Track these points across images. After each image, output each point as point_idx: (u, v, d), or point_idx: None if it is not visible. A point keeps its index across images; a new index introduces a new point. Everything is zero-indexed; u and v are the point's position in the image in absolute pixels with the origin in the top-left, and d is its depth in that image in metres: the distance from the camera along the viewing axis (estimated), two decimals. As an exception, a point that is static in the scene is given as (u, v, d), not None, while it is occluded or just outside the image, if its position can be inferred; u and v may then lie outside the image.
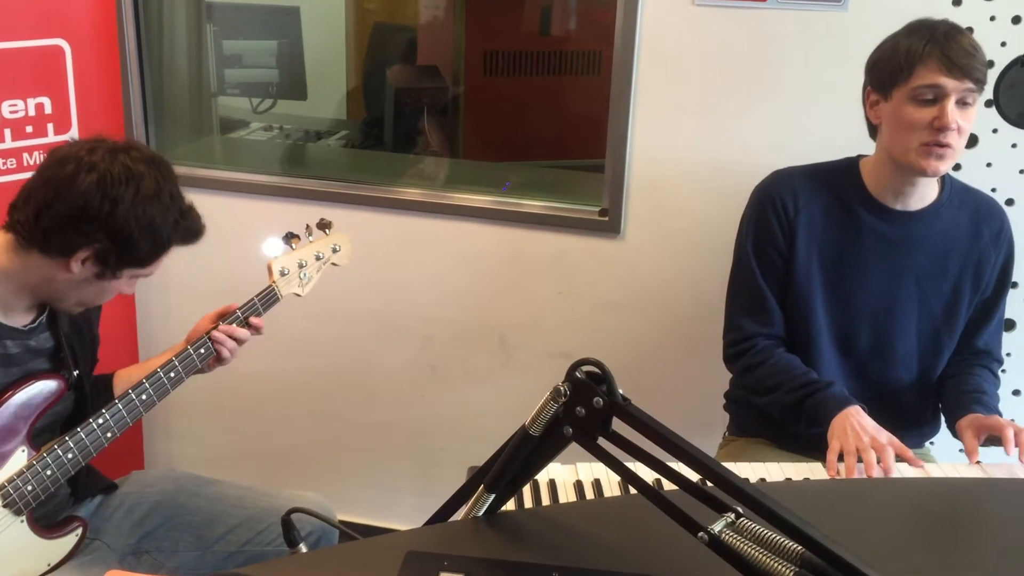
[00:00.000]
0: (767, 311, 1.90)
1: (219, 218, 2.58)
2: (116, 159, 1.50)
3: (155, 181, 1.53)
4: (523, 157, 3.20)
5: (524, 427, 0.92)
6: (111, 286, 1.59)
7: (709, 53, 2.16)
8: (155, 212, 1.52)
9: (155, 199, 1.52)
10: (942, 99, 1.67)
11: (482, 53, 3.27)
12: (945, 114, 1.66)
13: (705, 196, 2.26)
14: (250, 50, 3.12)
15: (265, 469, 2.76)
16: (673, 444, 0.84)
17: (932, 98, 1.68)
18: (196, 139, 2.98)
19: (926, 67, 1.67)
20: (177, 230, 1.57)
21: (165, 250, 1.58)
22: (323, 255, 1.94)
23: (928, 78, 1.67)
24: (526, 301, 2.46)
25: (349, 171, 2.86)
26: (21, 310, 1.60)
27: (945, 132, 1.67)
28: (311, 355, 2.63)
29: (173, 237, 1.57)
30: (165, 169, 1.57)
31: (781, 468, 1.65)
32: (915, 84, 1.69)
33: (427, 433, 2.62)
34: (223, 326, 1.76)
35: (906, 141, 1.72)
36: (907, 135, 1.71)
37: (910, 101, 1.70)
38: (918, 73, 1.68)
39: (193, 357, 1.72)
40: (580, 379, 0.90)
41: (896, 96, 1.72)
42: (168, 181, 1.56)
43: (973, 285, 1.88)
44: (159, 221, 1.52)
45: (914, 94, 1.69)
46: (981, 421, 1.74)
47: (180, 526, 1.81)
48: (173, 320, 2.65)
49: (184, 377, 1.71)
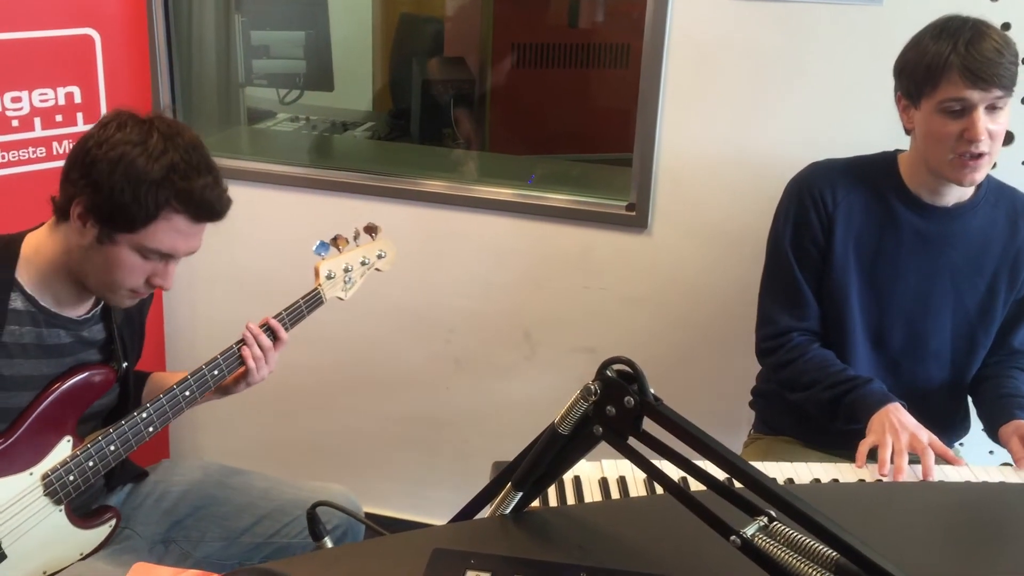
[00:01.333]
0: (803, 305, 1.88)
1: (246, 209, 2.61)
2: (126, 113, 1.46)
3: (147, 131, 1.43)
4: (550, 150, 3.18)
5: (553, 425, 0.91)
6: (115, 256, 1.47)
7: (740, 47, 2.14)
8: (136, 157, 1.41)
9: (139, 146, 1.42)
10: (970, 111, 1.65)
11: (509, 45, 3.25)
12: (975, 126, 1.64)
13: (733, 192, 2.24)
14: (278, 41, 3.12)
15: (290, 460, 2.77)
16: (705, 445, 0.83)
17: (960, 109, 1.66)
18: (224, 129, 2.99)
19: (949, 81, 1.65)
20: (167, 187, 1.42)
21: (154, 209, 1.43)
22: (368, 260, 1.93)
23: (952, 92, 1.65)
24: (552, 295, 2.45)
25: (375, 163, 2.85)
26: (73, 301, 1.58)
27: (976, 144, 1.65)
28: (337, 347, 2.63)
29: (161, 193, 1.42)
30: (177, 130, 1.46)
31: (809, 468, 1.63)
32: (941, 97, 1.66)
33: (452, 427, 2.62)
34: (252, 325, 1.73)
35: (939, 153, 1.71)
36: (939, 147, 1.70)
37: (938, 113, 1.68)
38: (943, 87, 1.66)
39: (236, 354, 1.71)
40: (611, 378, 0.89)
41: (924, 107, 1.71)
42: (169, 139, 1.43)
43: (1009, 283, 1.85)
44: (141, 168, 1.41)
45: (941, 107, 1.67)
46: None
47: (208, 516, 1.81)
48: (199, 315, 2.66)
49: (227, 373, 1.70)
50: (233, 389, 1.77)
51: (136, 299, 1.59)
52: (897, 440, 1.64)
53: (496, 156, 3.16)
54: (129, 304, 1.60)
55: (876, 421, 1.70)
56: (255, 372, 1.73)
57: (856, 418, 1.75)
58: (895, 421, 1.68)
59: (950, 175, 1.72)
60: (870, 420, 1.71)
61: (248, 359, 1.71)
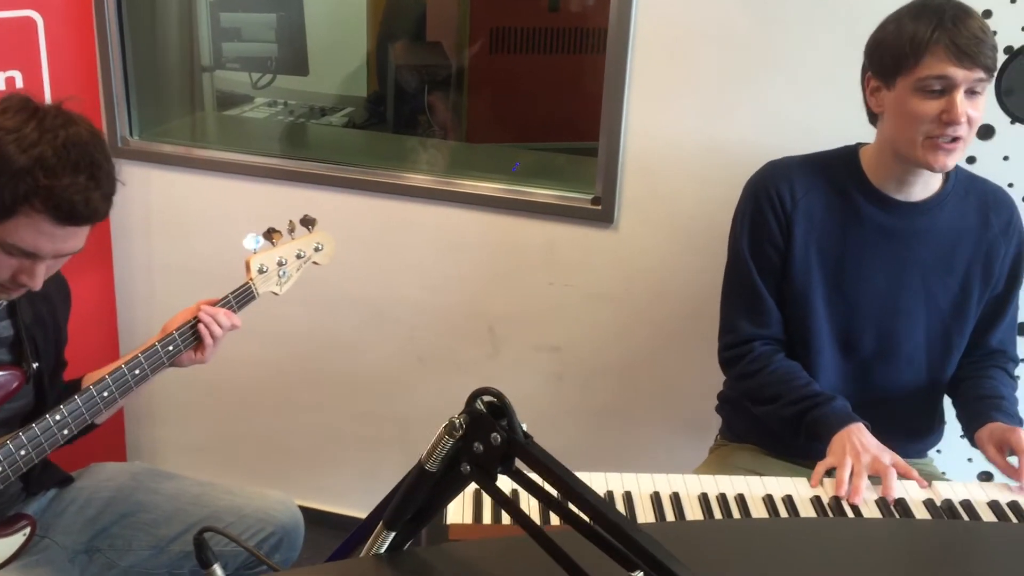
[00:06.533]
0: (764, 312, 1.78)
1: (207, 199, 2.55)
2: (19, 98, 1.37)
3: (27, 119, 1.34)
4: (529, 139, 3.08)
5: (420, 461, 0.82)
6: None
7: (711, 33, 2.03)
8: (6, 145, 1.32)
9: (12, 133, 1.32)
10: (951, 90, 1.54)
11: (487, 29, 3.14)
12: (955, 107, 1.53)
13: (704, 185, 2.14)
14: (249, 23, 3.04)
15: (250, 457, 2.69)
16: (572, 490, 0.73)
17: (940, 89, 1.55)
18: (187, 115, 2.90)
19: (934, 56, 1.54)
20: (28, 181, 1.32)
21: (11, 203, 1.34)
22: (304, 253, 1.86)
23: (936, 68, 1.54)
24: (516, 292, 2.35)
25: (341, 153, 2.76)
26: None
27: (955, 126, 1.54)
28: (298, 343, 2.55)
29: (20, 187, 1.33)
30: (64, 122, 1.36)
31: (764, 484, 1.54)
32: (922, 74, 1.55)
33: (414, 425, 2.54)
34: (209, 308, 1.67)
35: (911, 134, 1.59)
36: (912, 128, 1.58)
37: (916, 92, 1.57)
38: (925, 62, 1.54)
39: (160, 354, 1.63)
40: (479, 412, 0.79)
41: (900, 85, 1.59)
42: (49, 131, 1.34)
43: (983, 280, 1.75)
44: (5, 157, 1.32)
45: (920, 84, 1.56)
46: (1006, 436, 1.62)
47: (135, 523, 1.74)
48: (157, 307, 2.58)
49: (150, 374, 1.62)
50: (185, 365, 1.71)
51: (10, 295, 1.49)
52: (857, 462, 1.56)
53: (469, 146, 3.06)
54: (4, 299, 1.52)
55: (837, 442, 1.61)
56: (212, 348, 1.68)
57: (818, 436, 1.67)
58: (856, 442, 1.59)
59: (921, 158, 1.60)
60: (831, 440, 1.62)
61: (206, 335, 1.65)
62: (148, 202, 2.51)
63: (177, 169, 2.49)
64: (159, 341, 1.63)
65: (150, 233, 2.53)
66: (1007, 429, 1.63)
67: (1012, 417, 1.71)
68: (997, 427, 1.65)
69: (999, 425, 1.65)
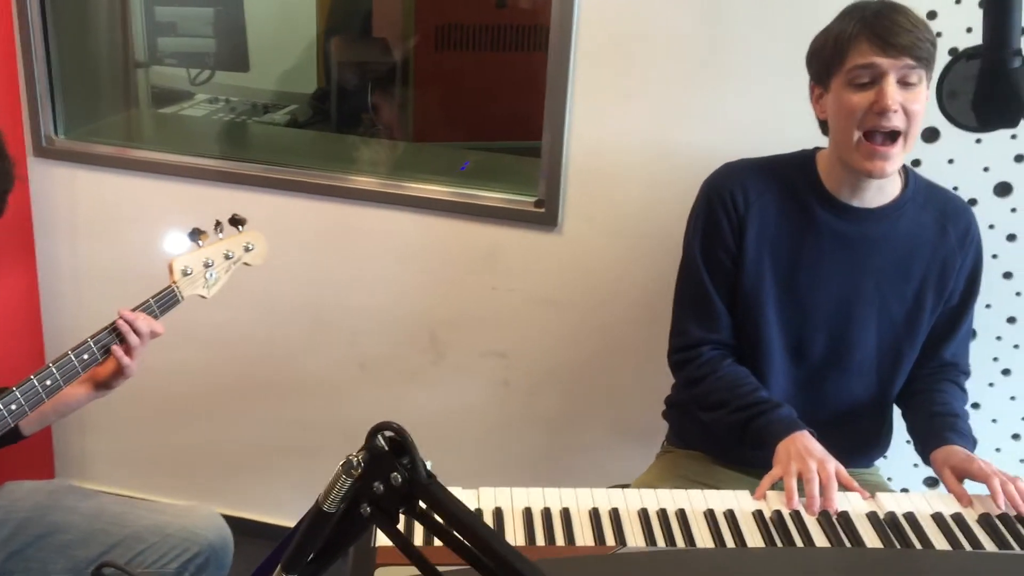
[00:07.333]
0: (714, 316, 1.74)
1: (139, 202, 2.44)
2: None
3: None
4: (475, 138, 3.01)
5: (318, 501, 0.76)
6: None
7: (657, 32, 1.98)
8: None
9: None
10: (880, 79, 1.52)
11: (433, 26, 3.07)
12: (884, 95, 1.50)
13: (650, 187, 2.09)
14: (185, 17, 2.94)
15: (183, 467, 2.60)
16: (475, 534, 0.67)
17: (869, 80, 1.53)
18: (118, 113, 2.78)
19: (857, 48, 1.52)
20: None
21: None
22: (233, 254, 1.78)
23: (860, 58, 1.52)
24: (459, 296, 2.29)
25: (281, 153, 2.67)
26: None
27: (887, 115, 1.51)
28: (236, 350, 2.46)
29: None
30: None
31: (706, 498, 1.49)
32: (849, 66, 1.54)
33: (355, 434, 2.45)
34: (128, 313, 1.59)
35: (847, 135, 1.56)
36: (849, 124, 1.55)
37: (847, 87, 1.55)
38: (850, 56, 1.53)
39: (74, 363, 1.54)
40: (379, 449, 0.73)
41: (834, 86, 1.57)
42: None
43: (937, 291, 1.72)
44: None
45: (850, 78, 1.54)
46: (962, 465, 1.58)
47: (51, 545, 1.65)
48: (86, 314, 2.47)
49: (62, 385, 1.53)
50: (112, 384, 1.64)
51: None
52: (804, 467, 1.51)
53: (414, 146, 2.98)
54: None
55: (782, 449, 1.58)
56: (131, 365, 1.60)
57: (763, 444, 1.63)
58: (801, 449, 1.55)
59: (858, 163, 1.57)
60: (776, 448, 1.59)
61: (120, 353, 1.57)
62: (75, 204, 2.41)
63: (106, 170, 2.39)
64: (72, 349, 1.55)
65: (76, 236, 2.43)
66: (965, 458, 1.59)
67: (967, 438, 1.68)
68: (955, 453, 1.61)
69: (957, 451, 1.62)
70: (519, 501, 1.45)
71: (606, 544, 1.37)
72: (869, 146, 1.55)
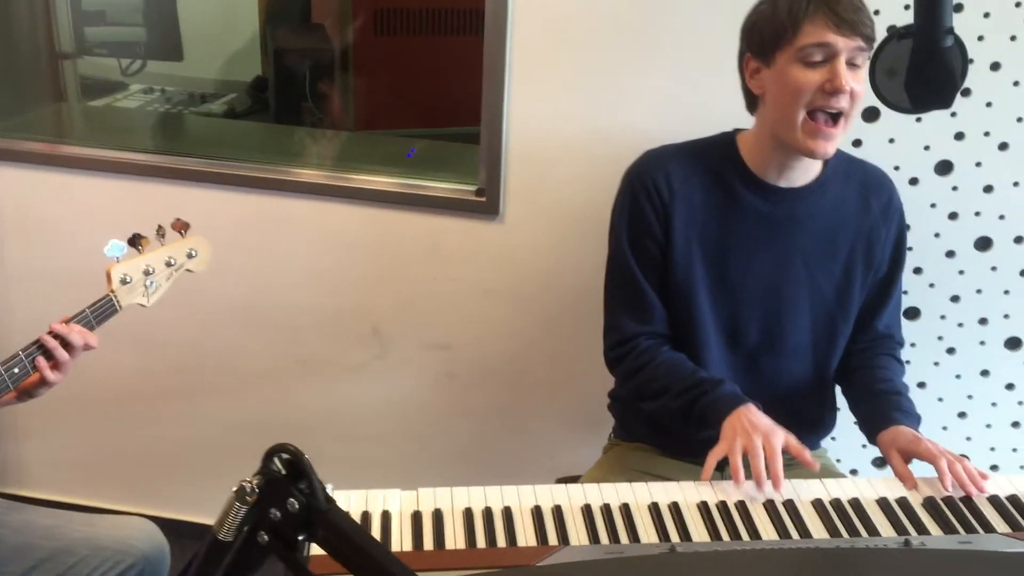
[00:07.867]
0: (647, 307, 1.71)
1: (69, 201, 2.35)
2: None
3: None
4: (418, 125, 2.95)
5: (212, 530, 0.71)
6: None
7: (596, 14, 1.93)
8: None
9: None
10: (832, 59, 1.49)
11: (371, 11, 3.00)
12: (838, 75, 1.48)
13: (592, 174, 2.05)
14: (114, 5, 2.84)
15: (122, 471, 2.53)
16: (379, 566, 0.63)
17: (821, 59, 1.49)
18: (44, 106, 2.68)
19: (813, 24, 1.48)
20: None
21: None
22: (175, 261, 1.72)
23: (815, 36, 1.48)
24: (400, 289, 2.24)
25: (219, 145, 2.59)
26: None
27: (838, 96, 1.49)
28: (173, 350, 2.39)
29: None
30: None
31: (650, 491, 1.47)
32: (802, 43, 1.49)
33: (298, 432, 2.40)
34: (60, 327, 1.52)
35: (792, 113, 1.53)
36: (795, 102, 1.52)
37: (796, 63, 1.51)
38: (804, 31, 1.49)
39: (3, 377, 1.48)
40: (274, 473, 0.68)
41: (780, 60, 1.53)
42: None
43: (865, 264, 1.71)
44: None
45: (800, 55, 1.50)
46: (909, 446, 1.57)
47: (-25, 562, 1.58)
48: (17, 321, 2.38)
49: None
50: (35, 393, 1.57)
51: None
52: (750, 442, 1.49)
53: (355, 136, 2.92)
54: None
55: (727, 425, 1.55)
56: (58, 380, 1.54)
57: (709, 424, 1.60)
58: (746, 423, 1.53)
59: (800, 144, 1.54)
60: (722, 425, 1.56)
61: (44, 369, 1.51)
62: (0, 205, 2.31)
63: (33, 167, 2.29)
64: (3, 363, 1.48)
65: (3, 239, 2.33)
66: (912, 439, 1.58)
67: (911, 416, 1.66)
68: (902, 434, 1.60)
69: (904, 432, 1.60)
70: (459, 501, 1.41)
71: (548, 543, 1.34)
72: (813, 125, 1.52)
